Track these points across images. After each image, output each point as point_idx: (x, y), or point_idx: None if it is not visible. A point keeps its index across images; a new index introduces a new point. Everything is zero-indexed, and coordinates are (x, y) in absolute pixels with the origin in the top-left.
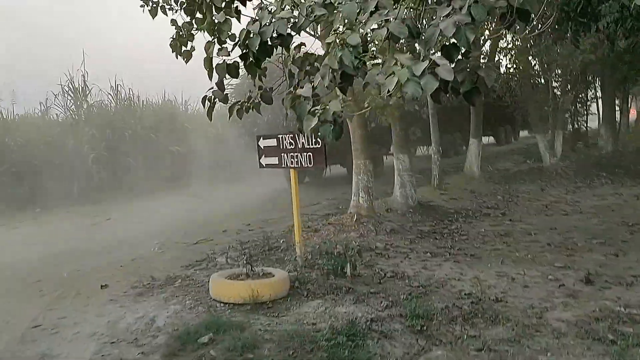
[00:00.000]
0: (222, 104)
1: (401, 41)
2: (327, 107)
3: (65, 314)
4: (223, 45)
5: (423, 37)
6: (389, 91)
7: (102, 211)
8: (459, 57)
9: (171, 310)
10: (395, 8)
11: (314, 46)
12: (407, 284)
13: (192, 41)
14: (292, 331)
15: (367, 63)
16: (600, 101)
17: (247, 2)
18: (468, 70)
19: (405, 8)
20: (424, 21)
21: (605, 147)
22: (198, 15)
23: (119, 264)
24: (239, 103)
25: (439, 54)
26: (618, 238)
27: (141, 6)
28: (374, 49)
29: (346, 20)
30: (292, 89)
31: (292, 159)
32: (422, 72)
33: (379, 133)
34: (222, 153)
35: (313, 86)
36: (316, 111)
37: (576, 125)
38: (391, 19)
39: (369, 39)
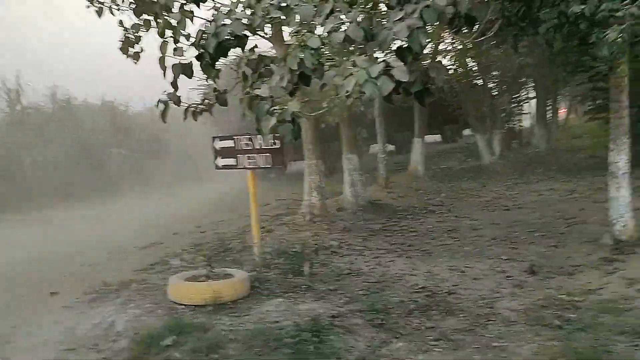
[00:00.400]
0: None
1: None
2: (286, 107)
3: (16, 322)
4: (178, 45)
5: (376, 40)
6: (347, 92)
7: (42, 217)
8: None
9: (130, 315)
10: (350, 11)
11: (265, 48)
12: (363, 280)
13: (139, 42)
14: (256, 330)
15: (324, 65)
16: (533, 102)
17: (201, 3)
18: (419, 71)
19: (360, 12)
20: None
21: (539, 145)
22: (146, 16)
23: (68, 270)
24: (193, 105)
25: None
26: (557, 231)
27: (87, 6)
28: (327, 51)
29: (303, 22)
30: (248, 89)
31: (249, 160)
32: (378, 73)
33: (330, 132)
34: (171, 154)
35: (270, 87)
36: (275, 111)
37: (511, 125)
38: (347, 22)
39: (325, 41)
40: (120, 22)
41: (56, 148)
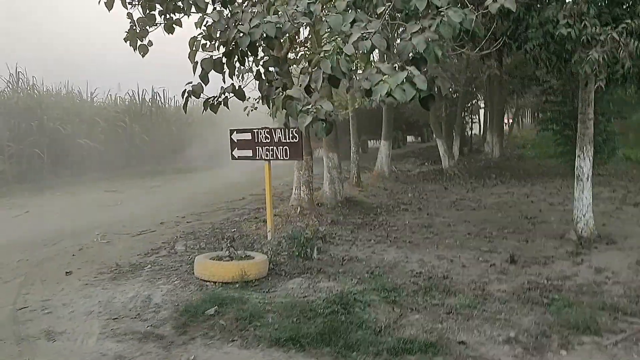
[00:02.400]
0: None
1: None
2: (321, 106)
3: (46, 296)
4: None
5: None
6: (380, 96)
7: (15, 204)
8: None
9: (164, 289)
10: (371, 21)
11: None
12: (365, 265)
13: (146, 36)
14: (289, 303)
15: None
16: (486, 111)
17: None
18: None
19: (381, 23)
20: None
21: (492, 152)
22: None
23: (69, 253)
24: (212, 98)
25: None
26: (524, 228)
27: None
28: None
29: (328, 30)
30: (281, 89)
31: (267, 152)
32: (402, 80)
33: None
34: (138, 147)
35: (300, 87)
36: (309, 110)
37: (465, 132)
38: (372, 32)
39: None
40: (128, 15)
41: (22, 136)
